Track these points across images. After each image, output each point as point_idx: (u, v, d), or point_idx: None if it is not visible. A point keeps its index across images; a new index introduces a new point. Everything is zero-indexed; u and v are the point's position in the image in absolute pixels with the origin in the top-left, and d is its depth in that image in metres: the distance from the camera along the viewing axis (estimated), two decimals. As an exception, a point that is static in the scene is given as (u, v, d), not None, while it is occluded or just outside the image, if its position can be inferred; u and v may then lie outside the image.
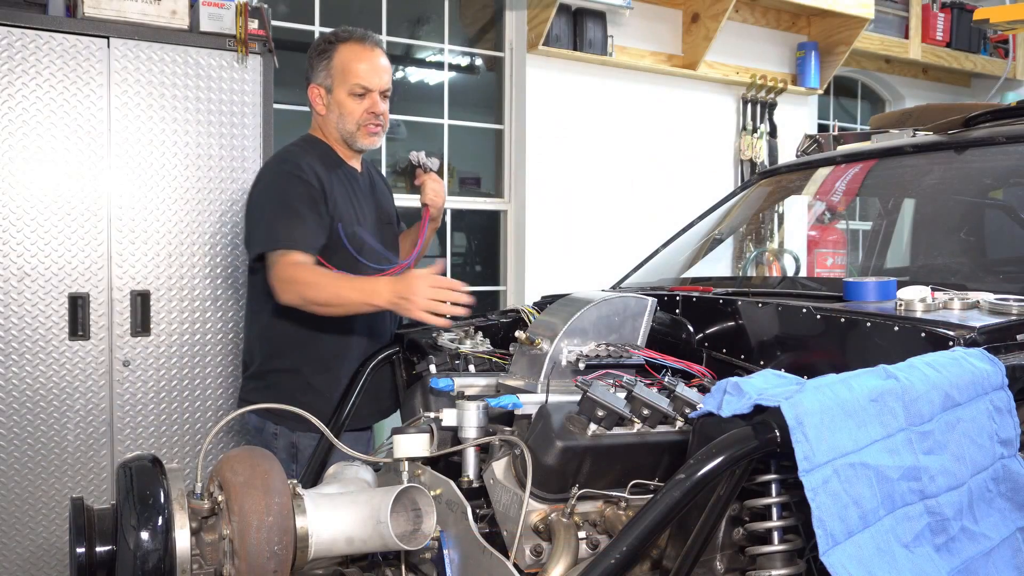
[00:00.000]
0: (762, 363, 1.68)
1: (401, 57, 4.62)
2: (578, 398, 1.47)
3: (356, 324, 2.33)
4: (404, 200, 2.83)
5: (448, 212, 4.51)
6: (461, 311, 1.93)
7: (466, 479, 1.59)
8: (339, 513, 1.42)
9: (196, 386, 3.04)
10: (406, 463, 1.61)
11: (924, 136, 2.46)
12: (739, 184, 5.08)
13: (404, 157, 4.56)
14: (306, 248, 2.19)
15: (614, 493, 1.44)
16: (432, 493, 1.49)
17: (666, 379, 1.62)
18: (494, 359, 2.01)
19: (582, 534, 1.41)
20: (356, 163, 2.47)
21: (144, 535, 1.28)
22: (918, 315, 1.53)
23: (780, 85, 5.37)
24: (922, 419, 1.21)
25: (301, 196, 2.23)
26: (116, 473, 1.38)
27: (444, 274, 2.36)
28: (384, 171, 4.34)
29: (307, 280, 2.11)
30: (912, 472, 1.17)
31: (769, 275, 3.53)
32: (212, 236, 3.05)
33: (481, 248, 4.80)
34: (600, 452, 1.42)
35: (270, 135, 3.12)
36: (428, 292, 1.91)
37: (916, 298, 1.57)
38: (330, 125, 2.40)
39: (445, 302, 1.92)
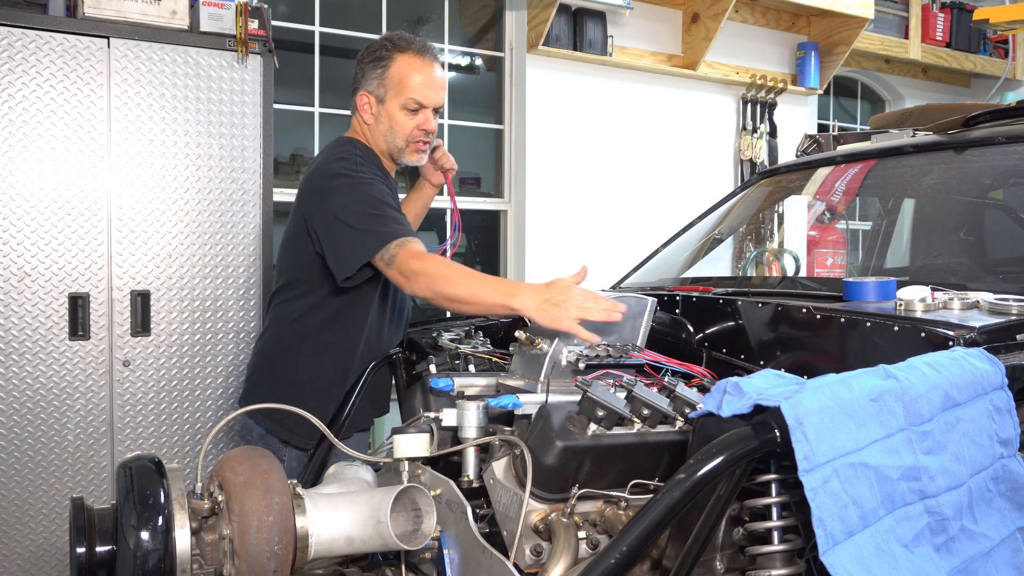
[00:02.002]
0: (762, 363, 1.68)
1: (401, 57, 4.61)
2: (578, 398, 1.47)
3: (371, 346, 2.28)
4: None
5: (448, 212, 4.51)
6: (617, 318, 1.72)
7: (466, 479, 1.59)
8: (339, 513, 1.42)
9: (196, 386, 3.04)
10: (406, 463, 1.61)
11: (924, 136, 2.46)
12: (739, 184, 5.09)
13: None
14: (415, 235, 2.08)
15: (614, 493, 1.44)
16: (432, 493, 1.49)
17: (666, 379, 1.62)
18: (494, 359, 2.01)
19: (582, 534, 1.41)
20: (393, 172, 2.42)
21: (144, 535, 1.28)
22: (918, 315, 1.53)
23: (780, 85, 5.37)
24: (922, 419, 1.21)
25: (385, 192, 2.16)
26: (116, 473, 1.38)
27: None
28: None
29: (439, 273, 1.97)
30: (912, 472, 1.17)
31: (769, 275, 3.53)
32: (212, 236, 3.04)
33: (481, 248, 4.79)
34: (600, 452, 1.42)
35: (270, 135, 3.12)
36: (581, 300, 1.70)
37: (916, 298, 1.57)
38: (377, 136, 2.31)
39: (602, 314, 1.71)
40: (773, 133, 5.42)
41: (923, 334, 1.43)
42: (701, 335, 1.89)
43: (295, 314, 2.29)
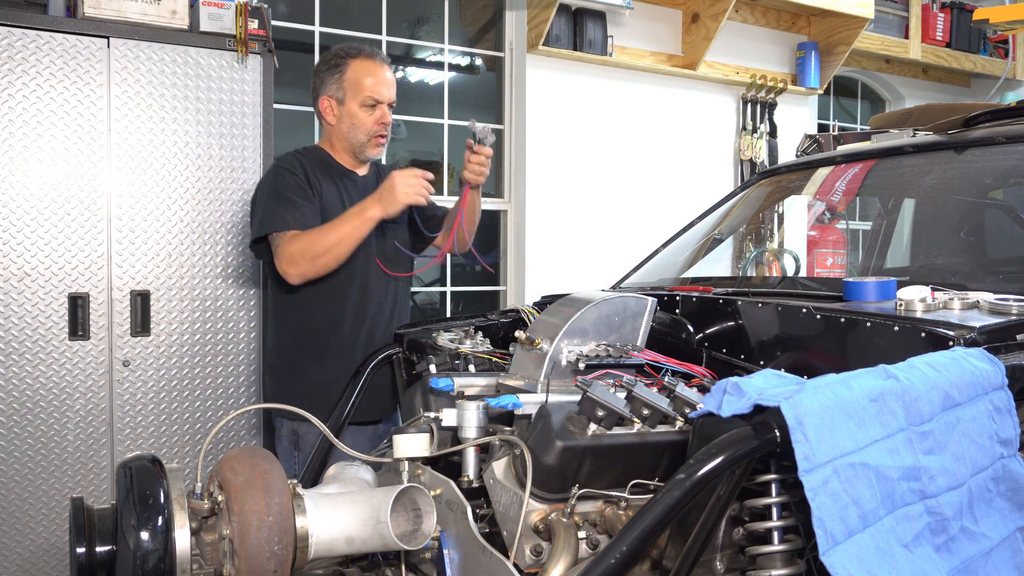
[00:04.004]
0: (762, 363, 1.68)
1: (401, 57, 4.62)
2: (578, 398, 1.46)
3: (360, 310, 2.49)
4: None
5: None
6: (431, 189, 2.34)
7: (466, 479, 1.59)
8: (339, 513, 1.42)
9: (196, 386, 3.04)
10: (406, 463, 1.61)
11: (924, 136, 2.46)
12: (739, 184, 5.09)
13: (404, 157, 4.57)
14: (301, 228, 2.34)
15: (614, 493, 1.44)
16: (432, 493, 1.49)
17: (666, 379, 1.62)
18: (494, 359, 2.01)
19: (582, 534, 1.41)
20: (361, 169, 2.61)
21: (144, 535, 1.28)
22: (918, 315, 1.52)
23: (780, 85, 5.37)
24: (922, 419, 1.20)
25: (289, 185, 2.42)
26: (116, 473, 1.38)
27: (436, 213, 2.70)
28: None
29: (307, 240, 2.31)
30: (912, 472, 1.16)
31: (769, 275, 3.53)
32: (212, 236, 3.05)
33: (481, 248, 4.78)
34: (600, 452, 1.42)
35: (270, 135, 3.12)
36: (404, 178, 2.27)
37: (916, 298, 1.57)
38: (339, 135, 2.54)
39: (422, 187, 2.30)
40: (773, 133, 5.42)
41: (923, 334, 1.43)
42: (701, 335, 1.89)
43: (281, 300, 2.52)
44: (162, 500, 1.31)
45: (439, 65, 4.64)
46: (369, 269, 2.49)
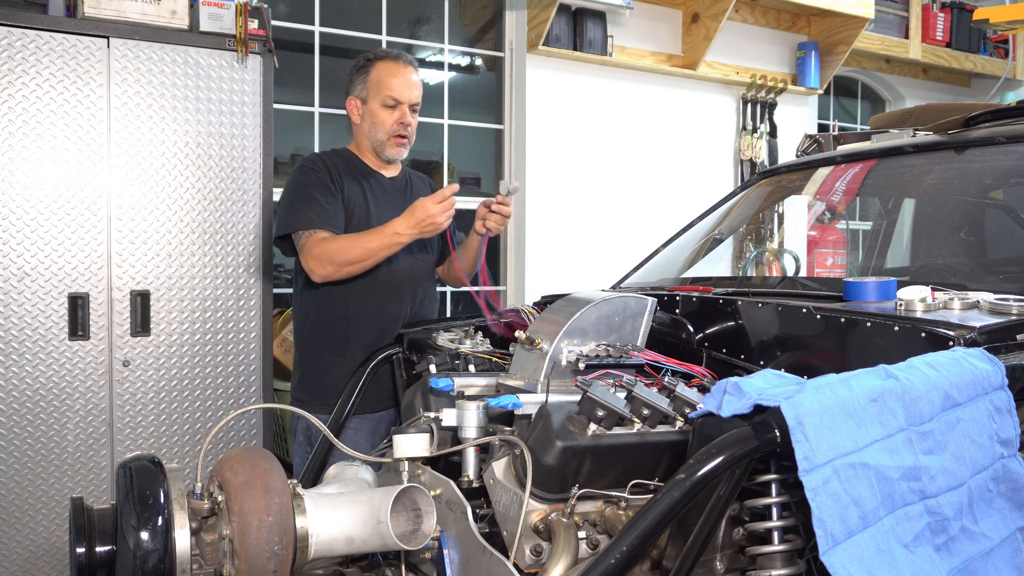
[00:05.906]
0: (762, 363, 1.68)
1: (401, 57, 4.61)
2: (578, 398, 1.46)
3: (378, 307, 2.52)
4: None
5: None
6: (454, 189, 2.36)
7: (466, 479, 1.59)
8: (339, 513, 1.42)
9: (196, 386, 3.04)
10: (406, 463, 1.61)
11: (924, 136, 2.46)
12: (739, 184, 5.09)
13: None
14: (327, 226, 2.41)
15: (614, 493, 1.44)
16: (432, 493, 1.49)
17: (666, 379, 1.62)
18: (494, 359, 2.01)
19: (582, 534, 1.41)
20: (388, 171, 2.66)
21: (144, 535, 1.28)
22: (918, 315, 1.52)
23: (780, 85, 5.37)
24: (922, 419, 1.21)
25: (313, 183, 2.48)
26: (116, 473, 1.38)
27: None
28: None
29: (336, 247, 2.37)
30: (912, 472, 1.16)
31: (769, 275, 3.53)
32: (212, 236, 3.04)
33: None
34: (600, 452, 1.42)
35: (270, 135, 3.12)
36: (440, 208, 2.30)
37: (916, 298, 1.57)
38: (362, 134, 2.62)
39: (452, 212, 2.33)
40: (773, 133, 5.42)
41: (923, 334, 1.43)
42: (701, 335, 1.88)
43: (308, 295, 2.57)
44: (162, 500, 1.31)
45: (439, 65, 4.65)
46: (396, 268, 2.53)
